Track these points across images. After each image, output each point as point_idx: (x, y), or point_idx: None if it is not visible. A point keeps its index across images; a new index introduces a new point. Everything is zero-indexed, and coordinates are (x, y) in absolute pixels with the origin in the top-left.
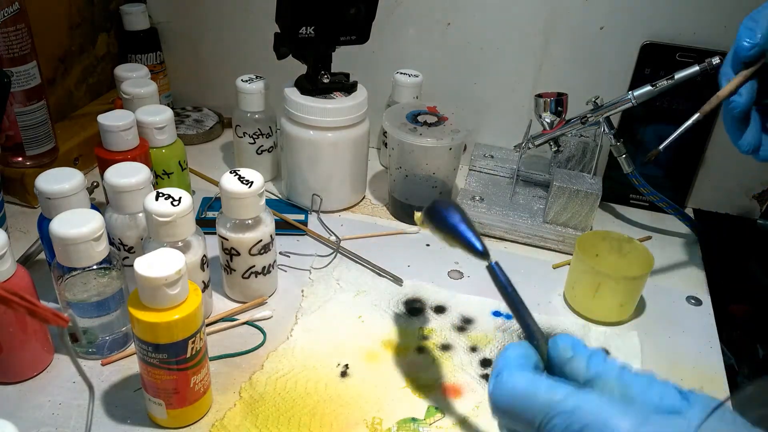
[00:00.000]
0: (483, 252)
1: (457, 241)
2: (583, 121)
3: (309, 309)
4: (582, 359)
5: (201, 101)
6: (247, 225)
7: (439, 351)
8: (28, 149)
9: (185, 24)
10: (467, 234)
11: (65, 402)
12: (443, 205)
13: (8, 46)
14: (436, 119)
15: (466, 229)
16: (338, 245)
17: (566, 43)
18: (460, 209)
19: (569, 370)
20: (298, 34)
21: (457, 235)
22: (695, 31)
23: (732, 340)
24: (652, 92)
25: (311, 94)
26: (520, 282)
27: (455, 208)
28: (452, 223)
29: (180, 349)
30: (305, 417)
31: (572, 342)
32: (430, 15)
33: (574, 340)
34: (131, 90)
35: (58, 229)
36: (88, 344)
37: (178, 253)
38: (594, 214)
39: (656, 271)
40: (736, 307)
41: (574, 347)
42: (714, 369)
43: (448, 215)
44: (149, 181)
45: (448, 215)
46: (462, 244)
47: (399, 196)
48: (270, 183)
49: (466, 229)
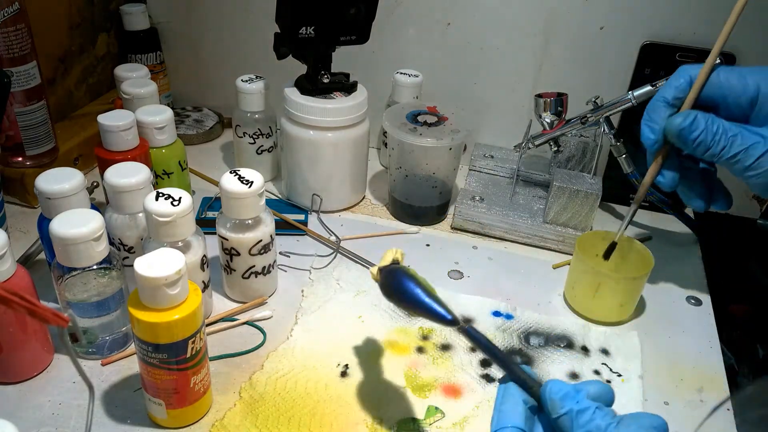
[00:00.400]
0: (453, 320)
1: (422, 314)
2: (583, 121)
3: (309, 309)
4: (568, 420)
5: (201, 101)
6: (247, 225)
7: (439, 351)
8: (28, 149)
9: (185, 24)
10: (434, 306)
11: (65, 402)
12: (399, 278)
13: (8, 46)
14: (436, 119)
15: (431, 301)
16: (338, 245)
17: (566, 43)
18: (416, 278)
19: (561, 424)
20: (298, 34)
21: (423, 309)
22: (695, 31)
23: (732, 340)
24: (652, 92)
25: (311, 94)
26: (520, 282)
27: (411, 278)
28: (415, 296)
29: (180, 349)
30: (305, 417)
31: (561, 395)
32: (430, 15)
33: (563, 394)
34: (131, 90)
35: (58, 229)
36: (88, 344)
37: (178, 253)
38: (594, 214)
39: (656, 271)
40: (736, 307)
41: (562, 402)
42: (714, 369)
43: (408, 288)
44: (149, 181)
45: (408, 288)
46: (429, 316)
47: (399, 196)
48: (270, 183)
49: (432, 302)
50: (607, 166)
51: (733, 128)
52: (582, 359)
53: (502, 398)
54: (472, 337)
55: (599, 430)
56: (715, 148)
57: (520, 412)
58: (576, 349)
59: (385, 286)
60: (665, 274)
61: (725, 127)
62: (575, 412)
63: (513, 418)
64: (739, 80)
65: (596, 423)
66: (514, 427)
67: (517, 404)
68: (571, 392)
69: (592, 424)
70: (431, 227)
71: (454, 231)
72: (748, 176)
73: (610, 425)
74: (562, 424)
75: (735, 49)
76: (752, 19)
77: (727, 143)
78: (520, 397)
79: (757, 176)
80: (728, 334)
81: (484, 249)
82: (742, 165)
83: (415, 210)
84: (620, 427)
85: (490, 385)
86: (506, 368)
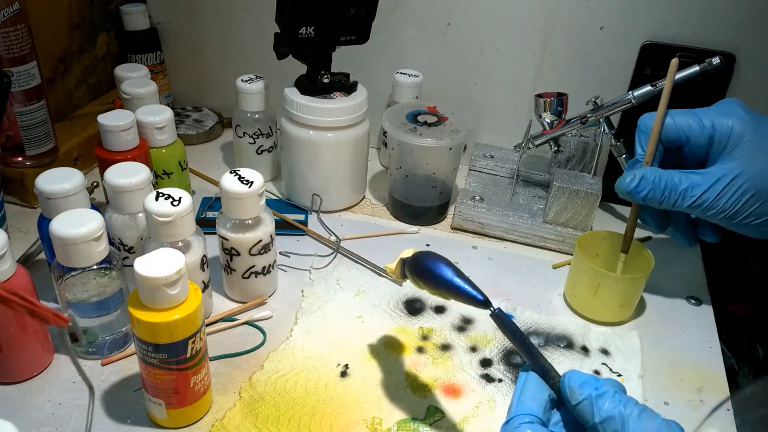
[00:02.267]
0: (484, 301)
1: (454, 295)
2: (583, 121)
3: (309, 309)
4: (588, 405)
5: (201, 101)
6: (247, 225)
7: (439, 351)
8: (28, 149)
9: (185, 24)
10: (466, 288)
11: (65, 402)
12: (431, 261)
13: (8, 46)
14: (436, 119)
15: (464, 282)
16: (338, 245)
17: (566, 43)
18: (447, 260)
19: (579, 412)
20: (298, 34)
21: (454, 290)
22: (695, 31)
23: (732, 340)
24: (652, 92)
25: (311, 94)
26: (520, 282)
27: (443, 261)
28: (447, 278)
29: (180, 349)
30: (305, 417)
31: (580, 382)
32: (430, 15)
33: (582, 381)
34: (131, 90)
35: (58, 229)
36: (88, 344)
37: (178, 253)
38: (594, 214)
39: (656, 271)
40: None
41: (581, 389)
42: (714, 369)
43: (440, 270)
44: (149, 181)
45: (440, 270)
46: (461, 297)
47: (399, 196)
48: (270, 183)
49: (464, 283)
50: (607, 166)
51: (683, 180)
52: (582, 359)
53: (523, 386)
54: (501, 320)
55: (621, 417)
56: (667, 202)
57: (539, 402)
58: (576, 349)
59: (414, 270)
60: (665, 274)
61: (672, 183)
62: (594, 396)
63: (531, 407)
64: (695, 121)
65: (618, 409)
66: (531, 414)
67: (537, 393)
68: (590, 380)
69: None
70: (431, 227)
71: (454, 231)
72: (709, 216)
73: (633, 413)
74: (582, 410)
75: (735, 48)
76: (752, 18)
77: (678, 196)
78: (541, 387)
79: (719, 213)
80: (728, 334)
81: (484, 249)
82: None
83: (415, 210)
84: (643, 417)
85: (490, 385)
86: (531, 356)
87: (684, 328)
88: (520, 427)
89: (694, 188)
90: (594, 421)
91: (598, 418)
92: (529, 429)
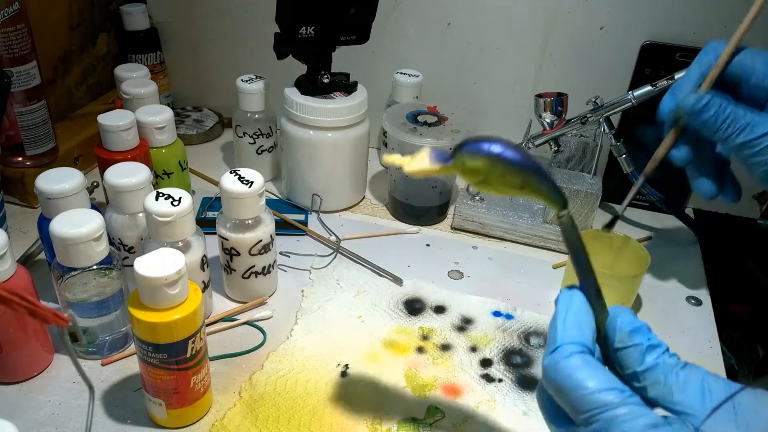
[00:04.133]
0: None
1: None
2: (583, 121)
3: (309, 309)
4: (636, 352)
5: (201, 101)
6: (247, 225)
7: (439, 351)
8: (28, 149)
9: (185, 24)
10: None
11: (65, 402)
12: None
13: (8, 46)
14: (436, 119)
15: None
16: (338, 245)
17: (566, 43)
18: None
19: (623, 356)
20: (298, 34)
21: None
22: (695, 31)
23: (732, 340)
24: (652, 92)
25: (311, 94)
26: (520, 282)
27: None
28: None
29: (180, 349)
30: (305, 417)
31: (631, 328)
32: (430, 15)
33: (633, 327)
34: (131, 90)
35: (58, 229)
36: (88, 344)
37: (178, 253)
38: (594, 214)
39: (656, 271)
40: (736, 307)
41: (631, 336)
42: (714, 369)
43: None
44: (149, 181)
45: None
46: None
47: (399, 196)
48: (270, 183)
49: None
50: (607, 166)
51: (746, 116)
52: None
53: (568, 307)
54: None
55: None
56: (722, 132)
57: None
58: None
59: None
60: (665, 273)
61: (737, 115)
62: (646, 346)
63: (581, 335)
64: (763, 65)
65: (665, 362)
66: (583, 344)
67: (584, 320)
68: (643, 328)
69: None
70: (431, 227)
71: (454, 231)
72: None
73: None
74: (626, 357)
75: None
76: None
77: (735, 130)
78: (588, 314)
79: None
80: (728, 334)
81: (484, 249)
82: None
83: (415, 210)
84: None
85: (490, 385)
86: (585, 274)
87: (684, 328)
88: (571, 356)
89: (756, 126)
90: (636, 370)
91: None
92: (579, 358)
